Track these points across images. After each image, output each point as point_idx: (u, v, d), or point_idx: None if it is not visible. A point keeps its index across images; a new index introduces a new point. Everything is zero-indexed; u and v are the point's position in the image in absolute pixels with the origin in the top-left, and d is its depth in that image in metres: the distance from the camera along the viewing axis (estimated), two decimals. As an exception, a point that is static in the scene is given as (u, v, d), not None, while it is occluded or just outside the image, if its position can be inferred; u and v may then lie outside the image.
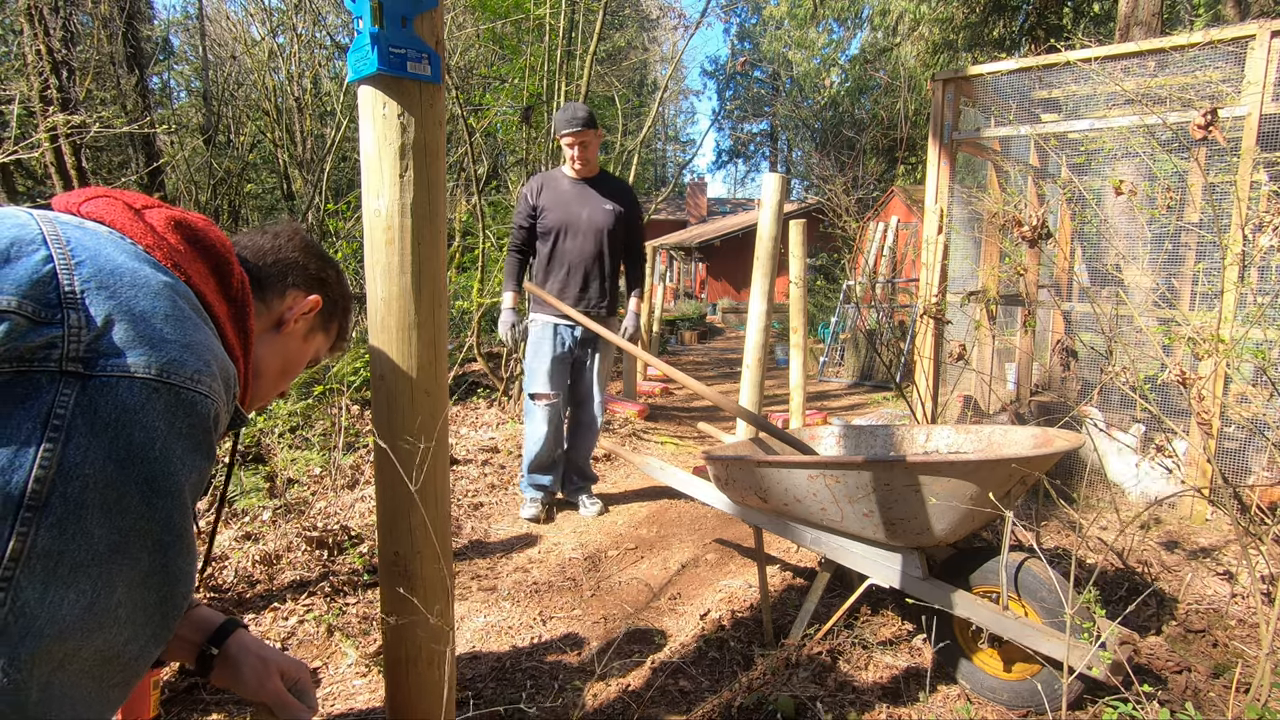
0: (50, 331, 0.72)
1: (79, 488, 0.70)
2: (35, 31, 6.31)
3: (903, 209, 14.19)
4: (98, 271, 0.77)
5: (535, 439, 3.52)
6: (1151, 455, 2.20)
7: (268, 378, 1.12)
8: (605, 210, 3.48)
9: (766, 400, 4.93)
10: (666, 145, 38.57)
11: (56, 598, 0.69)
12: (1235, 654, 2.12)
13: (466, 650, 2.35)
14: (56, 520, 0.69)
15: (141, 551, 0.75)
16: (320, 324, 1.18)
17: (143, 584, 0.76)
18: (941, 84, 4.13)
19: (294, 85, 6.82)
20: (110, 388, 0.72)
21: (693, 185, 29.03)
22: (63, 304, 0.73)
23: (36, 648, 0.68)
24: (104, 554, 0.71)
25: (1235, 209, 3.01)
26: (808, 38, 26.01)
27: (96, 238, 0.83)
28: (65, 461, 0.69)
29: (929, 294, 3.71)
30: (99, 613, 0.72)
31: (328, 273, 1.17)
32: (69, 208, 0.90)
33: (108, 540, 0.71)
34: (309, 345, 1.17)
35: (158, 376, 0.75)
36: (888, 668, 2.14)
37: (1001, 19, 13.05)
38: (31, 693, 0.68)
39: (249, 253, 1.09)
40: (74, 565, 0.70)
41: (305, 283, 1.13)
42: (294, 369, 1.17)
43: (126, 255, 0.83)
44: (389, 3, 1.09)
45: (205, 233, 0.95)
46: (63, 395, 0.71)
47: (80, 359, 0.72)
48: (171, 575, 0.79)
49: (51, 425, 0.69)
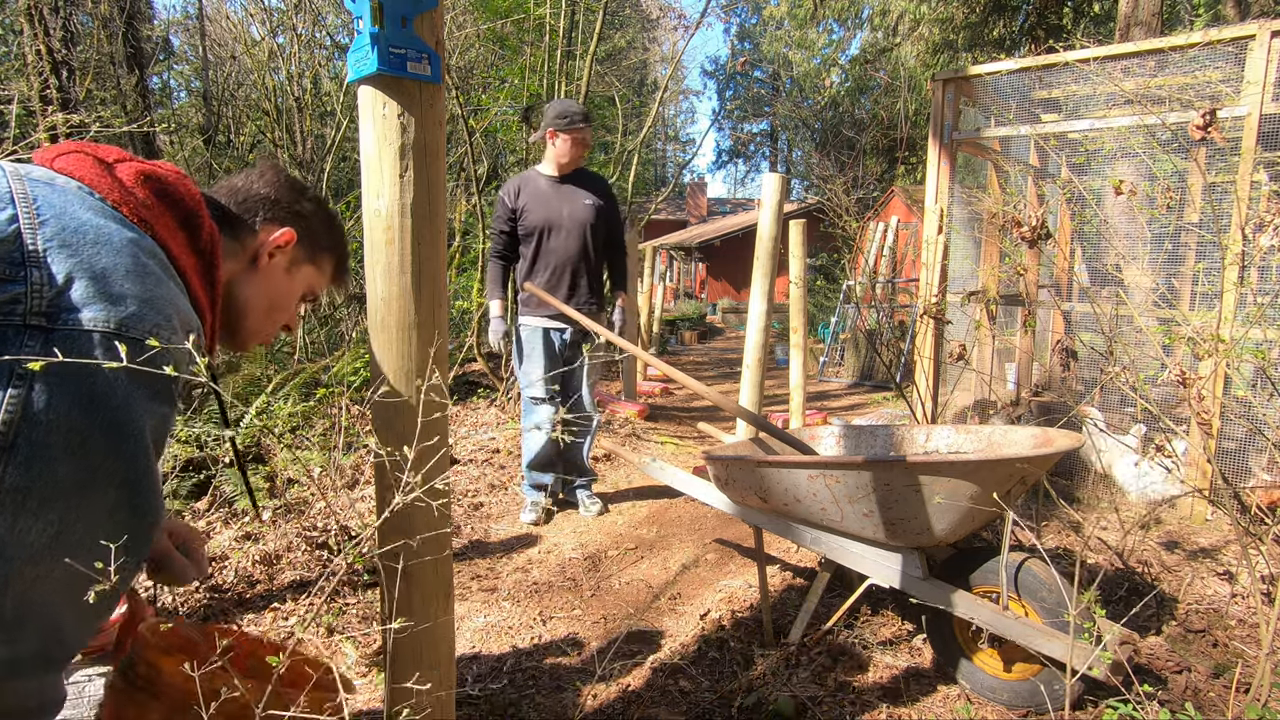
0: (14, 288, 0.76)
1: (43, 431, 0.75)
2: (35, 31, 6.31)
3: (903, 209, 14.19)
4: (61, 230, 0.81)
5: (535, 439, 3.52)
6: (1151, 455, 2.20)
7: (255, 315, 1.15)
8: (586, 206, 3.47)
9: (766, 400, 4.93)
10: (666, 145, 38.57)
11: (25, 527, 0.75)
12: (1235, 654, 2.12)
13: (466, 650, 2.35)
14: (23, 459, 0.74)
15: (108, 488, 0.81)
16: (304, 256, 1.19)
17: (109, 518, 0.82)
18: (941, 84, 4.13)
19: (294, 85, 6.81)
20: (72, 341, 0.77)
21: (693, 185, 29.03)
22: (26, 262, 0.78)
23: (8, 570, 0.75)
24: (69, 490, 0.77)
25: (1235, 209, 3.01)
26: (808, 38, 26.00)
27: (64, 194, 0.86)
28: (29, 407, 0.74)
29: (929, 294, 3.71)
30: (66, 542, 0.78)
31: (303, 205, 1.18)
32: (43, 162, 0.93)
33: (73, 478, 0.77)
34: (294, 279, 1.19)
35: (116, 330, 0.80)
36: (888, 668, 2.14)
37: (1001, 19, 13.04)
38: (5, 608, 0.76)
39: (224, 194, 1.12)
40: (41, 499, 0.76)
41: (278, 217, 1.14)
42: (284, 304, 1.19)
43: (92, 212, 0.86)
44: (389, 3, 1.09)
45: (175, 186, 0.98)
46: (27, 346, 0.76)
47: (43, 313, 0.77)
48: (138, 510, 0.85)
49: (16, 374, 0.74)
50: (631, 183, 8.74)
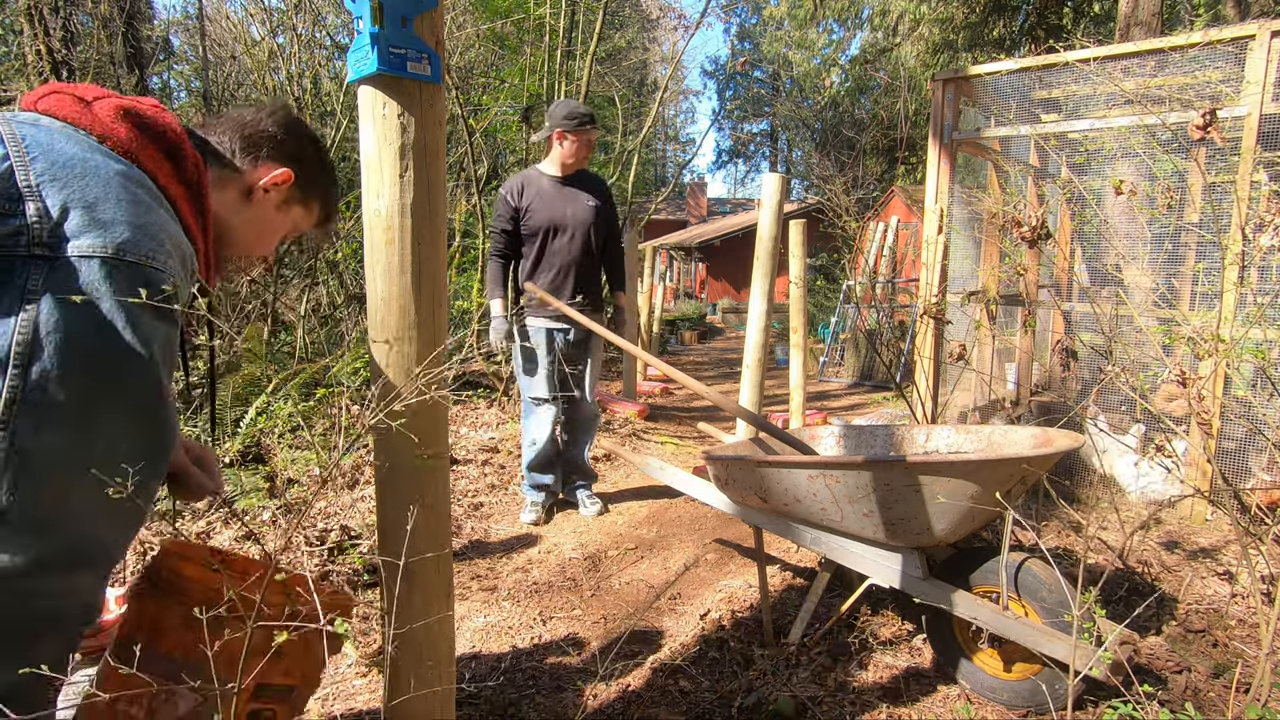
0: (14, 222, 0.82)
1: (54, 350, 0.82)
2: (35, 31, 6.30)
3: (903, 209, 14.18)
4: (50, 165, 0.86)
5: (535, 440, 3.51)
6: (1151, 455, 2.20)
7: (242, 245, 1.21)
8: (589, 207, 3.47)
9: (766, 400, 4.93)
10: (666, 145, 38.54)
11: (48, 439, 0.82)
12: (1235, 654, 2.12)
13: (466, 650, 2.35)
14: (40, 378, 0.81)
15: (121, 402, 0.88)
16: (296, 197, 1.23)
17: (127, 432, 0.89)
18: (941, 84, 4.13)
19: (294, 85, 6.80)
20: (74, 267, 0.83)
21: (693, 185, 29.02)
22: (22, 197, 0.83)
23: (38, 479, 0.82)
24: (85, 404, 0.84)
25: (1235, 209, 3.01)
26: (808, 38, 26.01)
27: (49, 133, 0.91)
28: (39, 328, 0.81)
29: (929, 294, 3.71)
30: (87, 451, 0.85)
31: (305, 149, 1.23)
32: (28, 106, 0.98)
33: (87, 393, 0.84)
34: (284, 216, 1.24)
35: (115, 255, 0.85)
36: (888, 668, 2.14)
37: (1001, 19, 13.04)
38: (45, 513, 0.83)
39: (232, 124, 1.17)
40: (61, 414, 0.83)
41: (280, 156, 1.19)
42: (270, 235, 1.24)
43: (79, 146, 0.91)
44: (389, 3, 1.09)
45: (155, 119, 1.02)
46: (34, 276, 0.82)
47: (45, 244, 0.83)
48: (153, 424, 0.92)
49: (26, 299, 0.81)
50: (631, 183, 8.75)
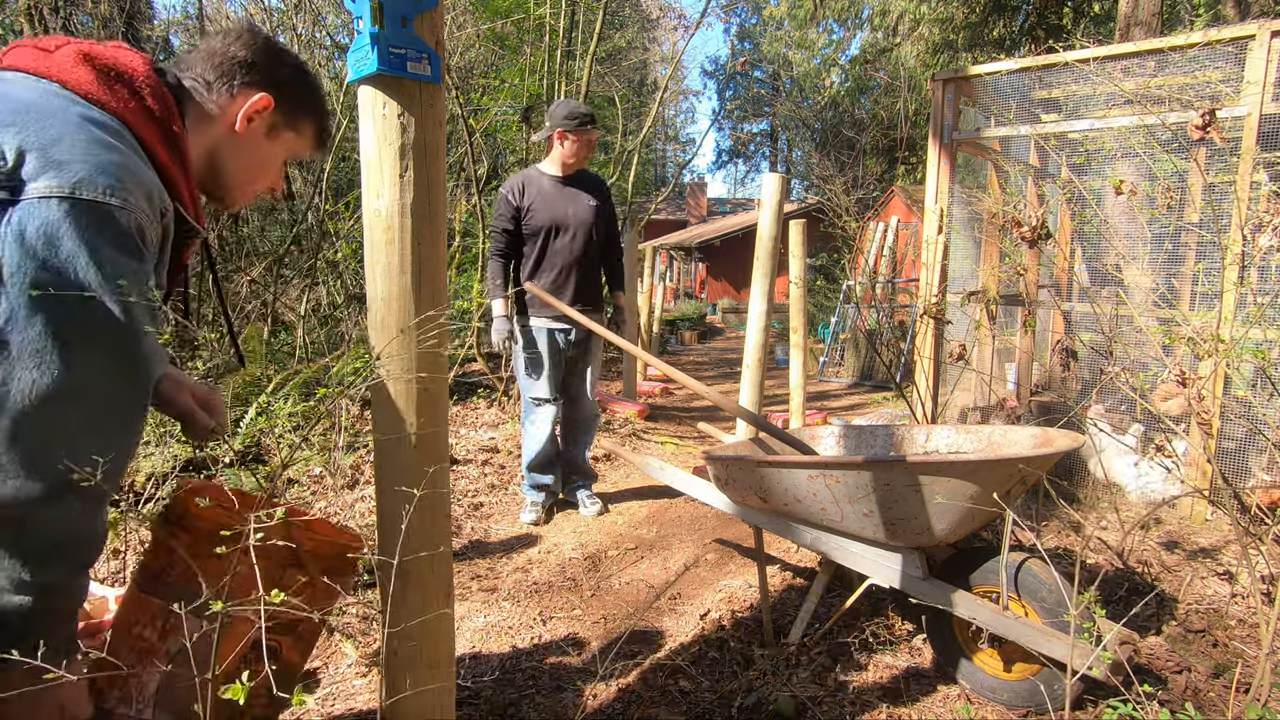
0: None
1: (18, 292, 0.84)
2: (35, 31, 6.31)
3: (903, 209, 14.19)
4: (8, 112, 0.89)
5: (535, 440, 3.51)
6: (1151, 455, 2.20)
7: (236, 178, 1.19)
8: (589, 206, 3.47)
9: (766, 400, 4.93)
10: (666, 145, 38.54)
11: (24, 376, 0.85)
12: (1235, 654, 2.12)
13: (466, 650, 2.35)
14: (8, 315, 0.84)
15: (94, 337, 0.90)
16: (283, 122, 1.20)
17: (105, 365, 0.92)
18: (941, 84, 4.13)
19: (294, 85, 6.87)
20: (34, 208, 0.85)
21: (693, 185, 29.02)
22: None
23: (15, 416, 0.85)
24: (58, 341, 0.87)
25: (1235, 209, 3.01)
26: (808, 38, 26.03)
27: (9, 83, 0.94)
28: (2, 271, 0.84)
29: (929, 294, 3.71)
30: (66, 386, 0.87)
31: (282, 71, 1.19)
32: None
33: (58, 330, 0.86)
34: (275, 144, 1.21)
35: (71, 194, 0.87)
36: (888, 668, 2.14)
37: (1001, 19, 13.04)
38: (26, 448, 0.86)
39: (201, 57, 1.14)
40: (34, 350, 0.86)
41: (256, 82, 1.15)
42: (266, 167, 1.22)
43: (36, 93, 0.93)
44: (389, 3, 1.09)
45: (115, 60, 1.03)
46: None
47: (5, 187, 0.85)
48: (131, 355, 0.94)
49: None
50: (631, 183, 8.74)
